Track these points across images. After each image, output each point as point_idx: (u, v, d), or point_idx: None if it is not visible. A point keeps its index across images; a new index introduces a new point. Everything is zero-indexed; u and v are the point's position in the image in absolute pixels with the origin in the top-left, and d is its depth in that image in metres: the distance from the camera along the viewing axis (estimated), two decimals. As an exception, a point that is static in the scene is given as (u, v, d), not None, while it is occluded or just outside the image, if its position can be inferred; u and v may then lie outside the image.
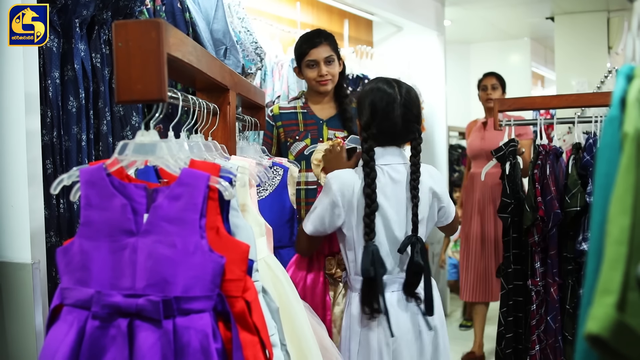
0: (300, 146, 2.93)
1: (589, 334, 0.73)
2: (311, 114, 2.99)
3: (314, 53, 2.88)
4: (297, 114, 3.00)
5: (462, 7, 6.29)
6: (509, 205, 2.88)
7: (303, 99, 3.04)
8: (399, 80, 2.12)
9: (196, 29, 2.56)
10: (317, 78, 2.89)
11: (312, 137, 2.95)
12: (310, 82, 2.95)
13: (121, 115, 2.20)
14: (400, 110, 2.02)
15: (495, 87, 4.63)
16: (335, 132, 2.97)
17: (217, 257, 1.16)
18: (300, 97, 3.08)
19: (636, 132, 0.82)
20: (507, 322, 2.91)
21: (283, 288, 1.73)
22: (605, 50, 6.31)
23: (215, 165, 1.25)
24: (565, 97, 3.43)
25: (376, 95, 2.04)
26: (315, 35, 2.94)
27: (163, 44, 1.19)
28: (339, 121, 2.99)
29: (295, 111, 3.01)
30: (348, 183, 2.02)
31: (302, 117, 2.98)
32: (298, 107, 3.02)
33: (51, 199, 1.98)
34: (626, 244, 0.76)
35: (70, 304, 1.18)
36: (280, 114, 3.00)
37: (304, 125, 2.97)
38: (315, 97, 3.00)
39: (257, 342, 1.21)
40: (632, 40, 1.04)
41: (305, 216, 2.11)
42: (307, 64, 2.90)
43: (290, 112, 3.00)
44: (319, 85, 2.91)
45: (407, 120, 2.04)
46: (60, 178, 1.24)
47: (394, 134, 2.05)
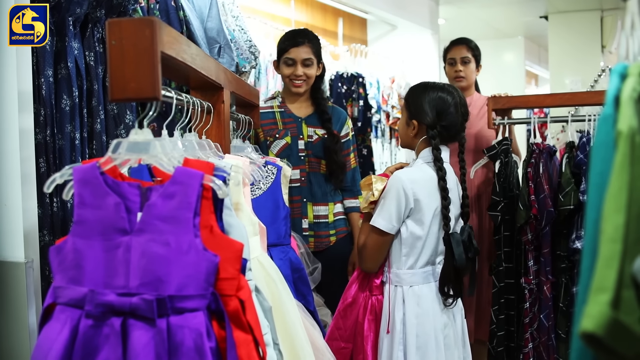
0: (281, 144, 2.95)
1: (584, 332, 0.73)
2: (289, 112, 3.02)
3: (294, 52, 2.90)
4: (274, 113, 3.01)
5: (456, 5, 6.30)
6: (499, 204, 2.89)
7: (279, 99, 3.07)
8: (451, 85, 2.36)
9: (190, 27, 2.56)
10: (291, 77, 2.92)
11: (292, 135, 2.97)
12: (285, 80, 2.98)
13: (115, 114, 2.20)
14: (460, 110, 2.24)
15: (467, 61, 3.54)
16: (315, 130, 2.99)
17: (211, 255, 1.16)
18: (276, 96, 3.10)
19: (630, 130, 0.82)
20: (499, 320, 2.92)
21: (276, 287, 1.73)
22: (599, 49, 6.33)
23: (209, 163, 1.24)
24: (559, 95, 3.44)
25: (440, 97, 2.23)
26: (299, 35, 2.96)
27: (157, 42, 1.19)
28: (317, 119, 3.02)
29: (273, 110, 3.02)
30: (416, 179, 2.16)
31: (279, 116, 3.00)
32: (275, 106, 3.04)
33: (44, 197, 1.97)
34: (620, 242, 0.76)
35: (63, 303, 1.17)
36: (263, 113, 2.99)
37: (283, 124, 2.99)
38: (291, 96, 3.03)
39: (250, 341, 1.21)
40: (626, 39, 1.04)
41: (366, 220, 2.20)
42: (285, 61, 2.92)
43: (267, 111, 3.00)
44: (291, 84, 2.94)
45: (463, 120, 2.28)
46: (54, 177, 1.23)
47: (455, 132, 2.26)
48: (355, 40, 5.23)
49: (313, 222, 2.97)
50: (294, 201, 2.90)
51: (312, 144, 2.99)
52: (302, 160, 2.97)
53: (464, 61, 3.53)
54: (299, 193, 2.96)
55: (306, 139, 2.99)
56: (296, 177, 2.92)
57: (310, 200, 2.97)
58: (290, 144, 2.96)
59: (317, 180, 2.99)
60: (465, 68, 3.53)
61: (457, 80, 3.54)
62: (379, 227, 2.14)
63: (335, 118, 3.07)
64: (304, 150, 2.98)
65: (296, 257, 2.23)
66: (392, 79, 5.03)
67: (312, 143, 2.98)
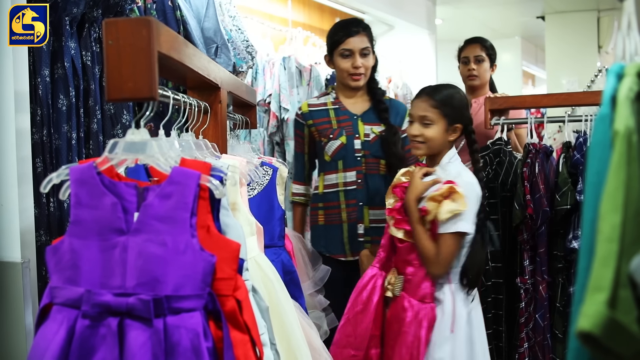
0: (336, 145, 2.74)
1: (581, 331, 0.73)
2: (344, 109, 2.80)
3: (350, 42, 2.71)
4: (328, 111, 2.80)
5: (453, 5, 6.31)
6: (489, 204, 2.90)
7: (333, 94, 2.85)
8: None
9: (187, 27, 2.56)
10: (351, 70, 2.71)
11: (347, 134, 2.75)
12: (342, 74, 2.76)
13: (112, 114, 2.20)
14: None
15: (481, 60, 3.52)
16: (372, 127, 2.77)
17: (207, 255, 1.16)
18: (330, 92, 2.88)
19: (627, 129, 0.83)
20: (486, 319, 2.92)
21: (273, 287, 1.73)
22: (596, 49, 6.34)
23: (206, 164, 1.24)
24: (556, 96, 3.43)
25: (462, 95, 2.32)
26: (353, 24, 2.78)
27: (154, 42, 1.18)
28: (374, 115, 2.80)
29: (326, 107, 2.82)
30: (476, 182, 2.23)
31: (334, 114, 2.79)
32: (329, 103, 2.83)
33: (41, 197, 1.97)
34: (617, 241, 0.76)
35: (59, 303, 1.17)
36: (310, 111, 2.84)
37: (337, 122, 2.78)
38: (347, 91, 2.82)
39: (247, 341, 1.20)
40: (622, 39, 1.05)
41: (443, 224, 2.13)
42: (341, 53, 2.72)
43: (321, 109, 2.81)
44: (350, 79, 2.73)
45: None
46: (50, 176, 1.23)
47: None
48: (353, 41, 5.23)
49: (369, 227, 2.77)
50: (350, 205, 2.74)
51: (369, 144, 2.77)
52: (358, 161, 2.76)
53: (477, 60, 3.50)
54: (355, 196, 2.76)
55: (362, 138, 2.77)
56: (352, 180, 2.74)
57: (366, 204, 2.76)
58: (345, 144, 2.75)
59: (374, 182, 2.78)
60: (478, 67, 3.51)
61: (469, 79, 3.53)
62: (467, 232, 2.15)
63: (393, 111, 2.85)
64: (361, 150, 2.77)
65: (288, 259, 2.22)
66: (389, 78, 5.03)
67: (369, 142, 2.77)
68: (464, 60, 3.55)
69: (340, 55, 2.71)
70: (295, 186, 2.93)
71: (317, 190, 2.83)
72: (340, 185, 2.75)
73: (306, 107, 2.86)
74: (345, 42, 2.69)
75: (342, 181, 2.74)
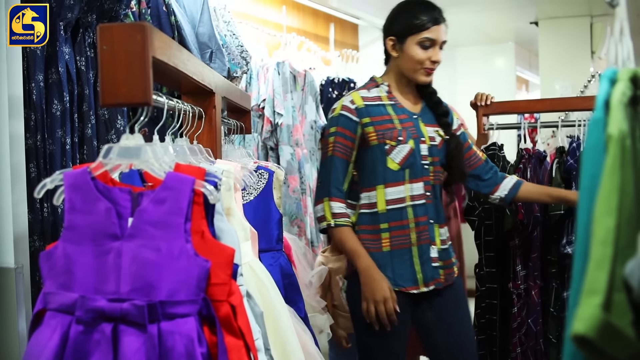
0: (406, 150, 2.22)
1: (576, 335, 0.74)
2: (400, 106, 2.31)
3: (435, 31, 2.25)
4: (385, 107, 2.28)
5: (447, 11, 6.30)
6: (476, 209, 2.90)
7: (386, 87, 2.33)
8: None
9: (182, 33, 2.56)
10: (427, 63, 2.25)
11: (413, 138, 2.25)
12: (413, 65, 2.26)
13: (106, 119, 2.19)
14: None
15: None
16: (435, 129, 2.32)
17: (202, 261, 1.16)
18: (380, 83, 2.34)
19: (620, 133, 0.83)
20: (480, 324, 2.93)
21: (268, 292, 1.73)
22: (589, 55, 6.36)
23: (200, 169, 1.24)
24: (549, 101, 3.46)
25: None
26: (437, 10, 2.31)
27: (148, 47, 1.18)
28: (431, 115, 2.35)
29: (382, 103, 2.29)
30: None
31: (393, 111, 2.28)
32: (383, 97, 2.30)
33: (35, 202, 1.96)
34: (611, 245, 0.76)
35: (53, 309, 1.17)
36: (367, 107, 2.26)
37: (400, 122, 2.26)
38: (403, 85, 2.35)
39: (242, 346, 1.20)
40: (615, 44, 1.05)
41: None
42: (421, 42, 2.23)
43: (377, 103, 2.28)
44: (423, 72, 2.27)
45: None
46: (44, 182, 1.23)
47: None
48: (347, 46, 5.24)
49: (441, 249, 2.28)
50: (420, 223, 2.24)
51: (437, 149, 2.30)
52: (425, 170, 2.26)
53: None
54: (425, 212, 2.26)
55: (429, 142, 2.28)
56: (419, 192, 2.24)
57: (436, 222, 2.29)
58: (414, 149, 2.24)
59: (439, 195, 2.34)
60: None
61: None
62: None
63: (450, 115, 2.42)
64: (428, 156, 2.27)
65: (287, 262, 2.22)
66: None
67: (437, 147, 2.30)
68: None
69: (418, 44, 2.23)
70: (334, 204, 2.25)
71: (375, 209, 2.25)
72: (407, 200, 2.22)
73: (360, 100, 2.27)
74: (430, 29, 2.23)
75: (410, 194, 2.23)
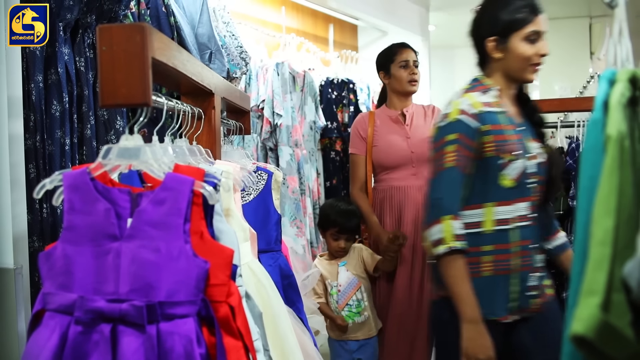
0: (520, 166, 1.97)
1: (575, 335, 0.74)
2: (509, 115, 2.03)
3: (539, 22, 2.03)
4: (498, 115, 1.99)
5: (446, 12, 6.32)
6: None
7: (495, 91, 2.04)
8: None
9: (181, 33, 2.56)
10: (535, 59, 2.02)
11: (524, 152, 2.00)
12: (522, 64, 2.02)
13: (105, 120, 2.19)
14: None
15: (417, 65, 3.22)
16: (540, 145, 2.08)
17: (201, 262, 1.16)
18: (489, 86, 2.04)
19: (619, 134, 0.83)
20: None
21: (267, 293, 1.72)
22: (588, 56, 6.37)
23: (199, 169, 1.24)
24: (548, 101, 3.45)
25: None
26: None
27: (148, 48, 1.18)
28: (531, 128, 2.09)
29: (496, 110, 2.00)
30: None
31: (506, 121, 2.01)
32: (494, 103, 2.01)
33: (34, 203, 1.96)
34: (610, 245, 0.76)
35: (52, 309, 1.17)
36: (488, 113, 1.98)
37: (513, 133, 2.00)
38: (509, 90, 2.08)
39: (241, 347, 1.20)
40: (614, 45, 1.05)
41: None
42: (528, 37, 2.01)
43: (493, 111, 1.99)
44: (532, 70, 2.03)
45: None
46: (43, 182, 1.23)
47: None
48: (346, 47, 5.24)
49: (539, 277, 2.04)
50: (525, 247, 1.99)
51: (542, 166, 2.05)
52: (531, 189, 2.02)
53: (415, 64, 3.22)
54: (531, 235, 2.01)
55: (537, 158, 2.03)
56: (525, 213, 1.99)
57: (539, 247, 2.07)
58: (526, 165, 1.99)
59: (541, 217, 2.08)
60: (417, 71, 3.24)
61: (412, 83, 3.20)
62: None
63: None
64: (536, 174, 2.02)
65: (286, 263, 2.22)
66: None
67: (542, 165, 2.05)
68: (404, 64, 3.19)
69: (525, 39, 2.00)
70: (456, 224, 1.91)
71: (479, 228, 1.98)
72: (515, 221, 1.97)
73: (479, 104, 1.98)
74: (534, 21, 2.01)
75: (518, 215, 1.98)
